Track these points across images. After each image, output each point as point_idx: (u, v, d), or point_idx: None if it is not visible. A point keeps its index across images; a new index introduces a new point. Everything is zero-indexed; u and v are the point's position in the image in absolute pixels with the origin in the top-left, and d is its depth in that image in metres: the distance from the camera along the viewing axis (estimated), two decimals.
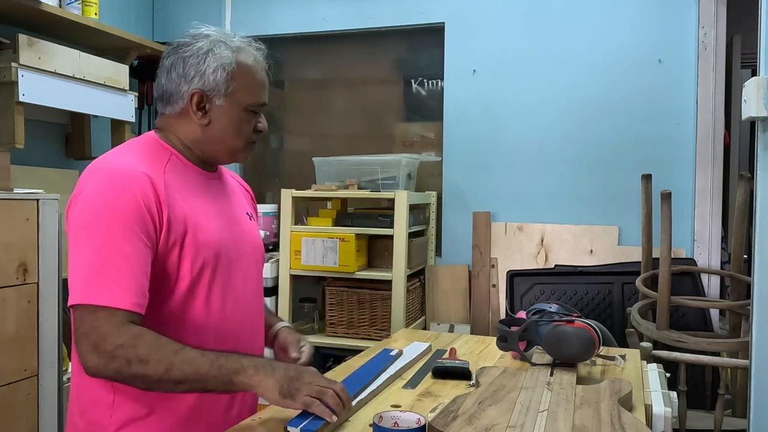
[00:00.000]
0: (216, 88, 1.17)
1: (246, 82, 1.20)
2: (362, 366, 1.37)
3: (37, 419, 1.87)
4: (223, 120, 1.19)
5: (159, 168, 1.13)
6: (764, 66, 1.26)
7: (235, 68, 1.18)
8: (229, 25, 3.09)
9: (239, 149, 1.22)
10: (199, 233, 1.13)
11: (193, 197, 1.17)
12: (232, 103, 1.19)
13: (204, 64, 1.17)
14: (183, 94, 1.18)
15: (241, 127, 1.20)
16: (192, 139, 1.21)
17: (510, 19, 2.70)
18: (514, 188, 2.69)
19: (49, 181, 2.32)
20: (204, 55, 1.18)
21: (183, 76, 1.18)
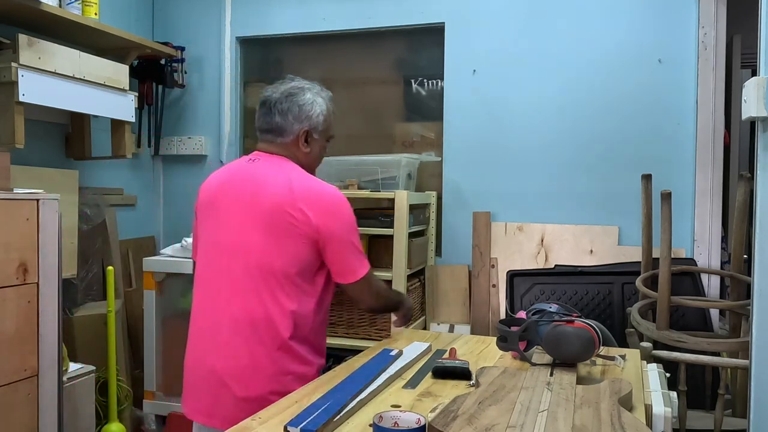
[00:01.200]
0: (316, 127, 1.68)
1: (330, 122, 1.73)
2: (362, 366, 1.37)
3: (37, 419, 1.87)
4: (316, 148, 1.71)
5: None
6: (764, 66, 1.26)
7: (327, 114, 1.70)
8: (229, 25, 3.09)
9: (315, 168, 1.75)
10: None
11: None
12: (322, 137, 1.71)
13: (312, 111, 1.67)
14: (295, 131, 1.65)
15: (321, 153, 1.74)
16: (298, 161, 1.67)
17: (510, 19, 2.70)
18: (514, 188, 2.69)
19: (49, 181, 2.32)
20: (311, 104, 1.67)
21: (297, 118, 1.66)
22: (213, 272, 1.59)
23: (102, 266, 2.74)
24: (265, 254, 1.52)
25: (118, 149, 2.65)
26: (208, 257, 1.62)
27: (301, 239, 1.52)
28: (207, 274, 1.61)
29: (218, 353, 1.52)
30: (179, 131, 3.18)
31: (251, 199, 1.55)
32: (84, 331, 2.52)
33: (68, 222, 2.39)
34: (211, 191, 1.66)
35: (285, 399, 1.22)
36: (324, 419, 1.02)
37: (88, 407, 2.24)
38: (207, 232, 1.63)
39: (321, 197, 1.57)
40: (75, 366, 2.23)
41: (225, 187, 1.63)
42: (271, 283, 1.51)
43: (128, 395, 2.65)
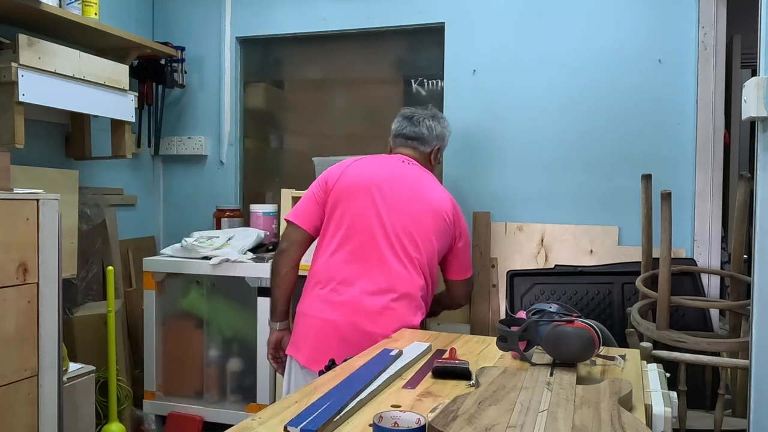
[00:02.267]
0: (442, 149, 2.24)
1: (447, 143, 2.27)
2: (362, 366, 1.37)
3: (37, 419, 1.87)
4: (438, 164, 2.24)
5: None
6: (764, 66, 1.26)
7: (448, 137, 2.25)
8: (229, 25, 3.09)
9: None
10: None
11: None
12: (441, 154, 2.25)
13: (445, 134, 2.22)
14: (433, 145, 2.17)
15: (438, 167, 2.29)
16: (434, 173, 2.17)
17: (510, 19, 2.70)
18: (514, 188, 2.69)
19: (49, 181, 2.32)
20: (446, 128, 2.23)
21: (438, 136, 2.18)
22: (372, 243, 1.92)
23: (102, 266, 2.74)
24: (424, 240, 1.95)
25: (118, 149, 2.65)
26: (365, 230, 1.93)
27: (448, 238, 2.03)
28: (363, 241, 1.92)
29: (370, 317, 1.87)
30: (179, 131, 3.18)
31: (421, 197, 1.98)
32: (84, 331, 2.52)
33: (68, 222, 2.39)
34: (370, 176, 1.99)
35: (285, 399, 1.22)
36: (324, 419, 1.02)
37: (88, 407, 2.24)
38: (365, 209, 1.94)
39: (457, 207, 2.09)
40: (75, 366, 2.23)
41: (391, 178, 1.99)
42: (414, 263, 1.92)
43: (128, 395, 2.65)
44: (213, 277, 2.55)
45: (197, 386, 2.62)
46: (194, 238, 2.62)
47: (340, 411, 1.09)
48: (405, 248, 1.92)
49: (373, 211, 1.93)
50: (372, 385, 1.24)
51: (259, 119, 3.19)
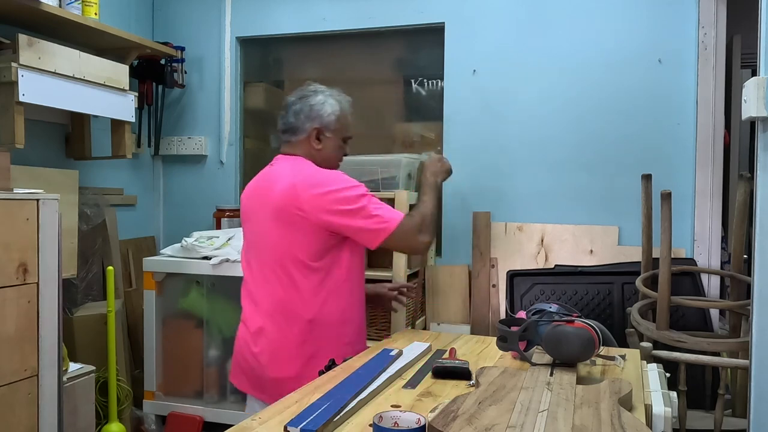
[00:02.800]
0: (328, 126, 1.84)
1: (345, 123, 1.87)
2: (362, 366, 1.37)
3: (37, 419, 1.86)
4: (329, 146, 1.85)
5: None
6: (764, 66, 1.26)
7: (341, 114, 1.85)
8: (229, 25, 3.09)
9: (334, 166, 1.87)
10: None
11: None
12: (336, 135, 1.85)
13: (322, 110, 1.83)
14: (307, 129, 1.82)
15: (338, 150, 1.88)
16: (312, 158, 1.82)
17: (510, 19, 2.70)
18: (514, 188, 2.69)
19: (49, 181, 2.32)
20: (322, 104, 1.83)
21: (308, 117, 1.83)
22: (247, 269, 1.86)
23: (102, 266, 2.74)
24: (280, 245, 1.73)
25: (118, 149, 2.65)
26: (245, 258, 1.88)
27: (310, 228, 1.70)
28: (245, 271, 1.88)
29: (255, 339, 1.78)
30: (179, 131, 3.18)
31: (266, 199, 1.77)
32: (84, 331, 2.52)
33: (68, 222, 2.39)
34: (244, 200, 1.91)
35: (285, 399, 1.22)
36: (324, 419, 1.02)
37: (88, 407, 2.24)
38: (244, 238, 1.90)
39: (312, 181, 1.71)
40: (75, 366, 2.23)
41: (250, 193, 1.88)
42: (288, 269, 1.72)
43: (128, 395, 2.65)
44: (213, 277, 2.55)
45: (197, 386, 2.62)
46: (194, 238, 2.62)
47: (340, 411, 1.09)
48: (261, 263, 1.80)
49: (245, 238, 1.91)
50: (372, 385, 1.24)
51: (259, 119, 3.19)
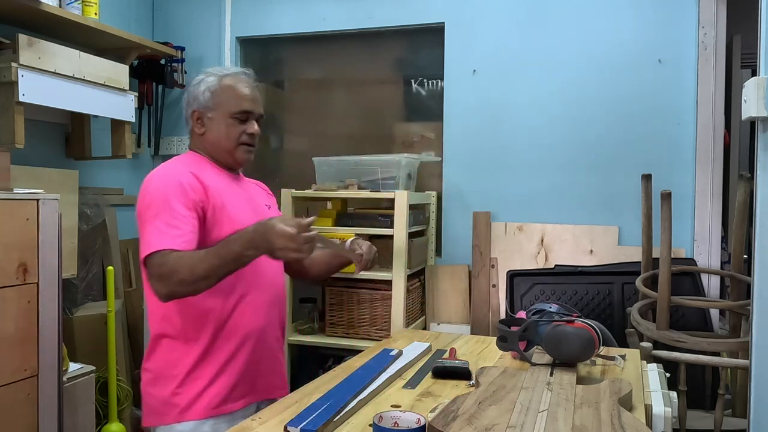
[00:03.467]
0: (206, 105, 1.58)
1: (228, 96, 1.58)
2: (362, 366, 1.37)
3: (37, 419, 1.86)
4: (214, 127, 1.59)
5: (199, 169, 1.53)
6: (764, 66, 1.26)
7: (218, 88, 1.58)
8: (229, 25, 3.09)
9: (232, 149, 1.59)
10: (229, 213, 1.50)
11: (225, 189, 1.55)
12: (219, 114, 1.58)
13: (197, 91, 1.59)
14: (188, 116, 1.62)
15: (228, 131, 1.58)
16: (205, 148, 1.61)
17: (510, 19, 2.70)
18: (514, 188, 2.69)
19: (49, 181, 2.32)
20: (197, 84, 1.61)
21: (187, 102, 1.62)
22: None
23: (102, 266, 2.74)
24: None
25: (118, 149, 2.65)
26: None
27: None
28: None
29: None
30: (179, 131, 3.18)
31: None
32: (84, 331, 2.52)
33: (68, 222, 2.39)
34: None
35: (285, 399, 1.22)
36: (324, 419, 1.02)
37: (88, 407, 2.24)
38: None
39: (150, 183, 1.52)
40: (75, 366, 2.23)
41: None
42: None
43: (128, 395, 2.65)
44: None
45: None
46: None
47: (340, 411, 1.09)
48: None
49: None
50: (372, 385, 1.24)
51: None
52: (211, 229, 1.47)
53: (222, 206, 1.49)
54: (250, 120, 1.59)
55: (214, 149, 1.60)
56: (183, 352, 1.48)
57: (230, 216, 1.50)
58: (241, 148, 1.59)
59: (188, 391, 1.46)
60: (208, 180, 1.51)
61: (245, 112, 1.58)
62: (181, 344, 1.48)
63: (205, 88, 1.59)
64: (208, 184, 1.50)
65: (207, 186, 1.49)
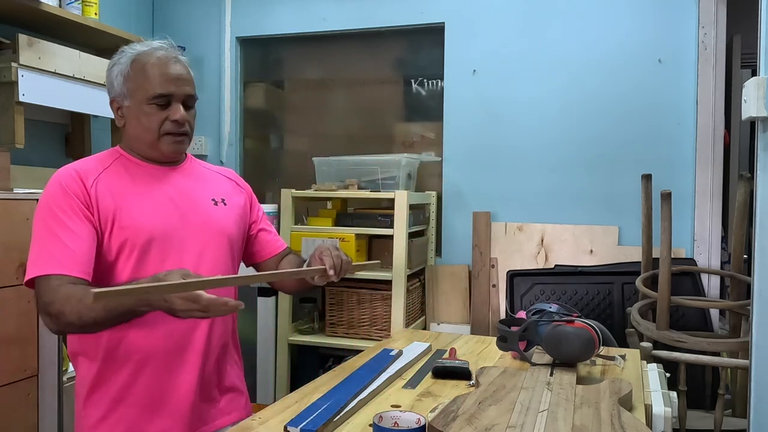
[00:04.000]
0: (121, 93, 1.35)
1: (141, 79, 1.33)
2: (362, 366, 1.37)
3: (37, 419, 1.87)
4: (132, 117, 1.35)
5: (98, 168, 1.33)
6: (764, 66, 1.26)
7: (129, 71, 1.34)
8: (229, 25, 3.09)
9: (154, 141, 1.35)
10: (125, 218, 1.28)
11: (132, 189, 1.33)
12: (135, 101, 1.34)
13: (111, 76, 1.36)
14: (110, 106, 1.39)
15: (146, 120, 1.33)
16: (126, 142, 1.39)
17: (510, 19, 2.70)
18: (514, 188, 2.69)
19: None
20: (111, 68, 1.37)
21: (108, 91, 1.38)
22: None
23: None
24: None
25: None
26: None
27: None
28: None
29: None
30: None
31: None
32: None
33: None
34: None
35: (285, 399, 1.22)
36: (324, 419, 1.02)
37: None
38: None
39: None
40: None
41: None
42: None
43: None
44: None
45: None
46: None
47: (340, 411, 1.09)
48: None
49: None
50: (372, 385, 1.24)
51: (259, 119, 3.19)
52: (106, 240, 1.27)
53: (115, 210, 1.27)
54: (174, 104, 1.33)
55: (136, 143, 1.37)
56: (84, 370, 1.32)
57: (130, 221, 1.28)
58: (165, 139, 1.34)
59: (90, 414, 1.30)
60: (107, 180, 1.30)
61: (162, 95, 1.32)
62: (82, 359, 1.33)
63: (117, 73, 1.34)
64: (101, 185, 1.29)
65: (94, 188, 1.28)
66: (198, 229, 1.37)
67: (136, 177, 1.35)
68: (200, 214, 1.39)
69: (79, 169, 1.31)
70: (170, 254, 1.30)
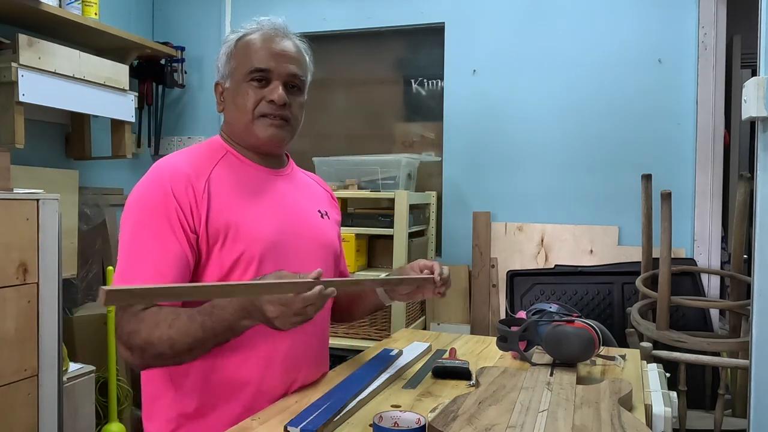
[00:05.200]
0: (224, 74, 1.23)
1: (242, 55, 1.22)
2: (362, 366, 1.37)
3: (37, 419, 1.86)
4: (229, 99, 1.23)
5: (208, 165, 1.17)
6: (764, 66, 1.26)
7: (233, 48, 1.23)
8: (229, 25, 3.09)
9: (249, 123, 1.21)
10: (243, 229, 1.14)
11: (243, 194, 1.18)
12: (234, 81, 1.22)
13: (218, 58, 1.26)
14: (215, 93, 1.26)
15: (241, 99, 1.20)
16: (226, 129, 1.26)
17: (510, 19, 2.70)
18: (514, 188, 2.69)
19: (49, 181, 2.32)
20: (221, 50, 1.26)
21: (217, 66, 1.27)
22: None
23: (102, 266, 2.73)
24: None
25: (118, 149, 2.65)
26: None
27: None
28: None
29: None
30: (179, 131, 3.18)
31: None
32: (84, 331, 2.52)
33: (68, 222, 2.39)
34: None
35: (285, 399, 1.22)
36: (324, 419, 1.02)
37: (88, 407, 2.24)
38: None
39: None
40: (75, 366, 2.23)
41: None
42: None
43: (128, 395, 2.65)
44: None
45: None
46: None
47: (340, 411, 1.08)
48: None
49: None
50: (372, 385, 1.24)
51: None
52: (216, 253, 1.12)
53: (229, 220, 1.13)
54: (274, 82, 1.20)
55: (233, 129, 1.24)
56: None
57: (247, 233, 1.14)
58: (260, 122, 1.20)
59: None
60: (217, 181, 1.15)
61: (260, 70, 1.19)
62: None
63: (223, 52, 1.24)
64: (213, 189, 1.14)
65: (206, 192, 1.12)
66: (310, 243, 1.26)
67: (245, 180, 1.21)
68: (310, 226, 1.28)
69: (187, 166, 1.15)
70: (285, 269, 1.12)
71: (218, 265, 1.13)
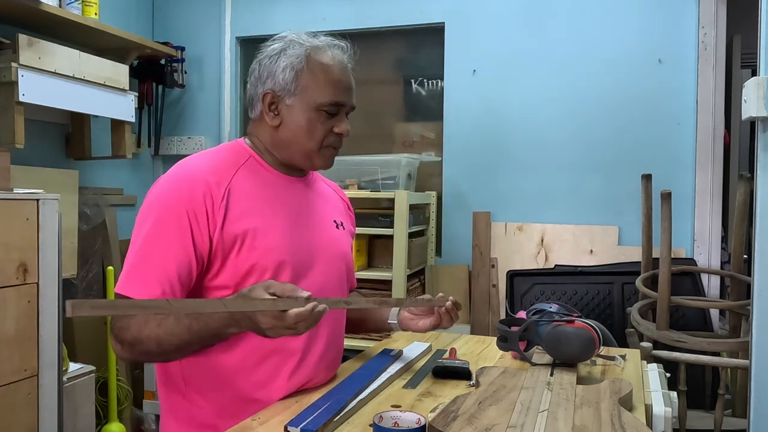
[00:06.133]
0: (285, 88, 1.17)
1: (317, 80, 1.18)
2: (362, 366, 1.37)
3: (37, 419, 1.86)
4: (293, 121, 1.18)
5: (230, 170, 1.17)
6: (764, 66, 1.26)
7: (305, 66, 1.17)
8: (228, 25, 3.09)
9: (313, 152, 1.20)
10: (260, 237, 1.13)
11: (263, 201, 1.18)
12: (302, 103, 1.18)
13: (275, 65, 1.18)
14: (259, 97, 1.20)
15: (312, 128, 1.18)
16: (269, 142, 1.22)
17: (510, 19, 2.70)
18: (514, 188, 2.69)
19: (49, 181, 2.31)
20: (276, 56, 1.19)
21: (258, 79, 1.20)
22: None
23: (102, 266, 2.74)
24: None
25: (118, 149, 2.65)
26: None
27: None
28: None
29: None
30: (179, 131, 3.18)
31: None
32: (84, 331, 2.52)
33: (68, 222, 2.39)
34: None
35: (285, 399, 1.22)
36: (324, 419, 1.02)
37: (88, 407, 2.24)
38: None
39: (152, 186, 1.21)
40: (75, 366, 2.23)
41: None
42: None
43: (128, 395, 2.65)
44: None
45: None
46: None
47: (340, 411, 1.08)
48: None
49: None
50: (372, 385, 1.24)
51: None
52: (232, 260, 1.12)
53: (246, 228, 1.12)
54: (341, 114, 1.21)
55: (284, 147, 1.21)
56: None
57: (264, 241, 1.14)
58: (324, 152, 1.21)
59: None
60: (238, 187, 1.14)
61: (338, 104, 1.19)
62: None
63: (286, 64, 1.17)
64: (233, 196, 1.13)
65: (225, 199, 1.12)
66: (325, 253, 1.25)
67: (266, 187, 1.20)
68: (326, 236, 1.27)
69: (208, 172, 1.14)
70: (301, 278, 1.16)
71: (233, 272, 1.13)
